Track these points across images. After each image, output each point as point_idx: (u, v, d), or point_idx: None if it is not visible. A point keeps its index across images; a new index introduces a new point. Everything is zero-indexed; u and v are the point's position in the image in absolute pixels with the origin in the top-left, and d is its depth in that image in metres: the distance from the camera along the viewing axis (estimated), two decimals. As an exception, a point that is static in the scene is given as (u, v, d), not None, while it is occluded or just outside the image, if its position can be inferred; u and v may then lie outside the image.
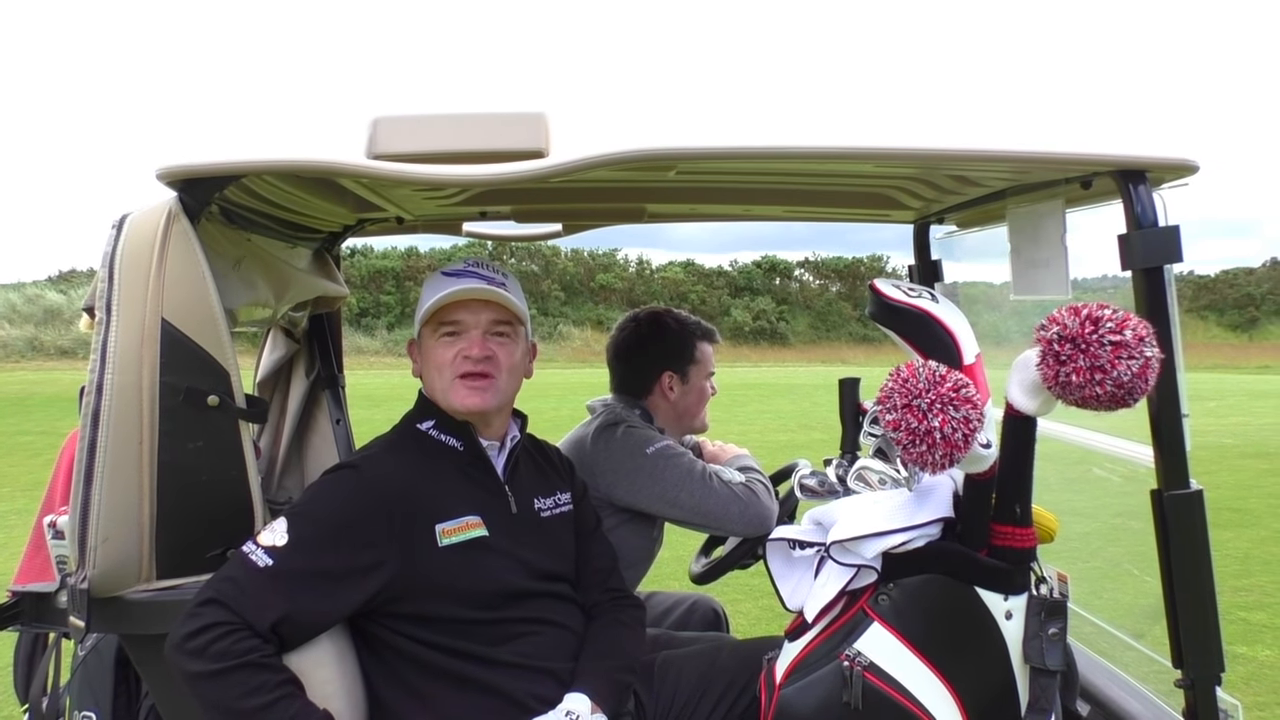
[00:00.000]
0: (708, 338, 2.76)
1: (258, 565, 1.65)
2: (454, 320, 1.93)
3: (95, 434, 1.59)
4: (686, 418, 2.73)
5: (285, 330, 2.72)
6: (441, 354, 1.94)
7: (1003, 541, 1.73)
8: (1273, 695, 4.53)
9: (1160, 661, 1.77)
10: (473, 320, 1.94)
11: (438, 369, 1.94)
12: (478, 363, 1.92)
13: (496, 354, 1.94)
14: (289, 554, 1.67)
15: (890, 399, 1.59)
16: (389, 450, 1.93)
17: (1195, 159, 1.67)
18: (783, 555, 1.92)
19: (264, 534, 1.70)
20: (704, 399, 2.74)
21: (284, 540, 1.68)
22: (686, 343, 2.71)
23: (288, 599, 1.65)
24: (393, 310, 34.13)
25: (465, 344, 1.93)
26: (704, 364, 2.73)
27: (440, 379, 1.94)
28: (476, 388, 1.92)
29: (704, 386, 2.74)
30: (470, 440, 1.96)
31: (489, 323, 1.95)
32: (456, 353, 1.93)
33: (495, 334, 1.96)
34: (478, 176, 1.58)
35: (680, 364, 2.69)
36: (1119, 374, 1.45)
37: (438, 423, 1.97)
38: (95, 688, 2.14)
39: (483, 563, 1.86)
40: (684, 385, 2.70)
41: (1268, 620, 5.64)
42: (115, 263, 1.62)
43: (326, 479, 1.86)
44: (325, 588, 1.71)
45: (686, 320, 2.75)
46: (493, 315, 1.95)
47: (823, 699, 1.74)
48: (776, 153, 1.66)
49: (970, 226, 2.62)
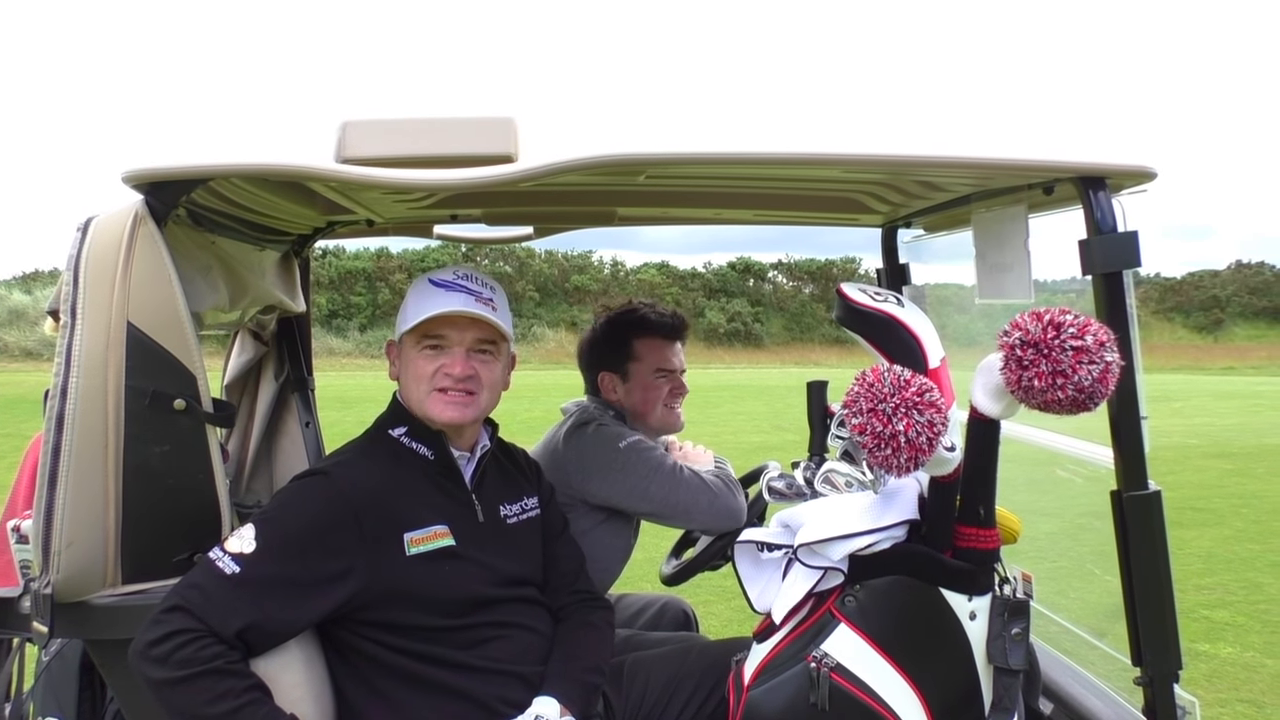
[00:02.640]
0: (653, 331, 2.63)
1: (224, 572, 1.64)
2: (438, 335, 1.92)
3: (60, 437, 1.58)
4: (639, 416, 2.64)
5: (253, 333, 2.71)
6: (422, 366, 1.93)
7: (967, 543, 1.76)
8: (1234, 692, 4.61)
9: (1121, 659, 1.81)
10: (457, 337, 1.93)
11: (416, 380, 1.93)
12: (459, 381, 1.92)
13: (478, 372, 1.94)
14: (256, 561, 1.66)
15: (856, 403, 1.61)
16: (361, 456, 1.92)
17: (1153, 166, 1.71)
18: (751, 557, 1.93)
19: (231, 540, 1.68)
20: (653, 394, 2.63)
21: (251, 547, 1.66)
22: (620, 340, 2.63)
23: (254, 606, 1.64)
24: (364, 311, 33.92)
25: (448, 360, 1.92)
26: (648, 359, 2.62)
27: (418, 389, 1.93)
28: (454, 402, 1.92)
29: (653, 382, 2.63)
30: (441, 449, 1.96)
31: (474, 340, 1.94)
32: (438, 368, 1.92)
33: (478, 351, 1.95)
34: (447, 181, 1.58)
35: (616, 363, 2.62)
36: (1080, 378, 1.47)
37: (410, 430, 1.96)
38: (59, 693, 2.12)
39: (450, 572, 1.85)
40: (626, 384, 2.63)
41: (1230, 618, 5.73)
42: (80, 265, 1.61)
43: (296, 485, 1.85)
44: (293, 596, 1.70)
45: (629, 316, 2.65)
46: (478, 334, 1.94)
47: (790, 700, 1.76)
48: (746, 158, 1.68)
49: (937, 230, 2.65)
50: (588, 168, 1.58)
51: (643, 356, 2.63)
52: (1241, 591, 6.32)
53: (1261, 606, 5.99)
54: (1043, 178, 1.80)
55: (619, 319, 2.67)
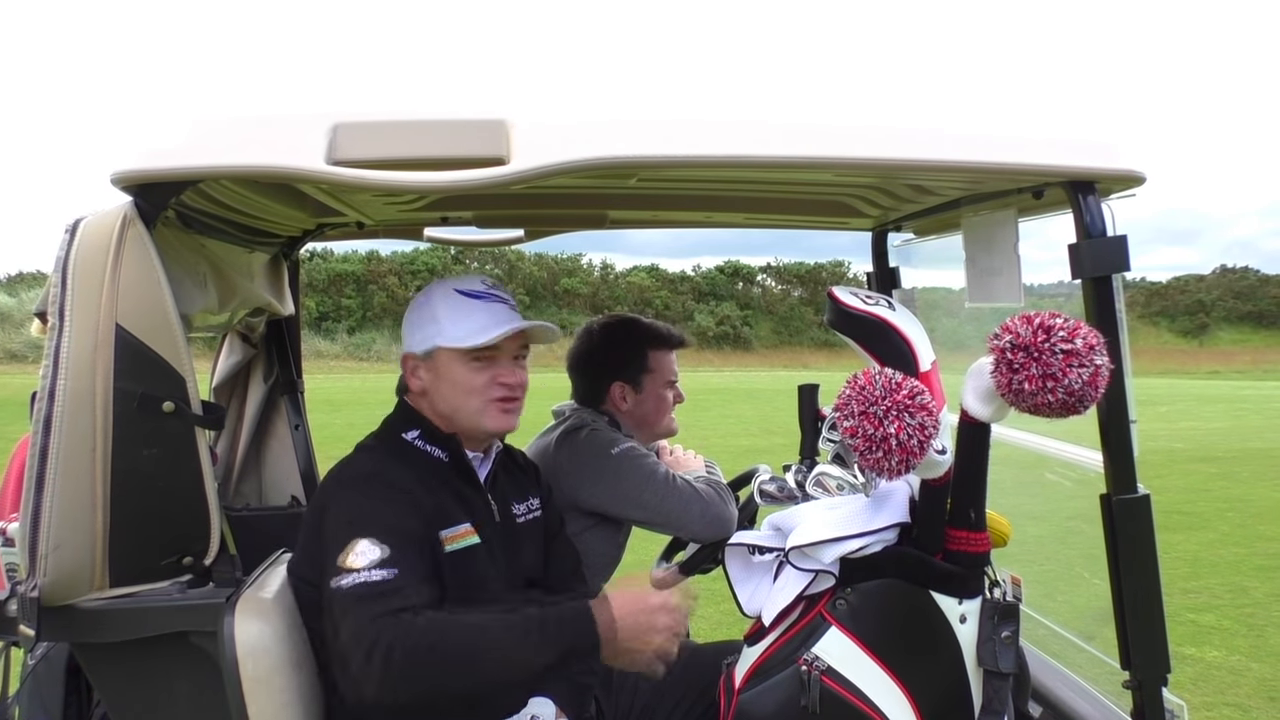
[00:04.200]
0: (665, 344, 2.71)
1: (380, 581, 1.61)
2: (490, 348, 1.92)
3: (47, 440, 1.57)
4: (647, 426, 2.70)
5: (242, 335, 2.70)
6: (473, 379, 1.92)
7: (957, 546, 1.76)
8: (1219, 695, 4.63)
9: (1109, 663, 1.81)
10: (509, 347, 1.96)
11: (467, 393, 1.92)
12: (514, 389, 1.95)
13: (522, 379, 1.98)
14: (396, 557, 1.65)
15: (848, 406, 1.61)
16: (390, 457, 1.92)
17: (1142, 170, 1.71)
18: (742, 560, 1.94)
19: (354, 558, 1.64)
20: (664, 406, 2.71)
21: (380, 549, 1.65)
22: (637, 351, 2.67)
23: (426, 587, 1.66)
24: (354, 314, 33.85)
25: (500, 370, 1.94)
26: (660, 371, 2.69)
27: (471, 402, 1.92)
28: (511, 410, 1.96)
29: (662, 394, 2.70)
30: (456, 451, 1.96)
31: (517, 348, 1.98)
32: (491, 378, 1.93)
33: (517, 358, 1.99)
34: (439, 183, 1.57)
35: (631, 373, 2.66)
36: (1070, 382, 1.48)
37: (423, 433, 1.96)
38: (45, 697, 2.11)
39: (479, 570, 1.86)
40: (638, 394, 2.66)
41: (1216, 622, 5.76)
42: (69, 267, 1.59)
43: (354, 493, 1.80)
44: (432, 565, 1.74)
45: (641, 328, 2.71)
46: (520, 341, 1.98)
47: (781, 703, 1.76)
48: (737, 161, 1.68)
49: (927, 234, 2.66)
50: (581, 170, 1.58)
51: (655, 368, 2.68)
52: (1227, 595, 6.36)
53: (1247, 610, 6.03)
54: (1032, 182, 1.80)
55: (635, 331, 2.70)
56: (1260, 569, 7.04)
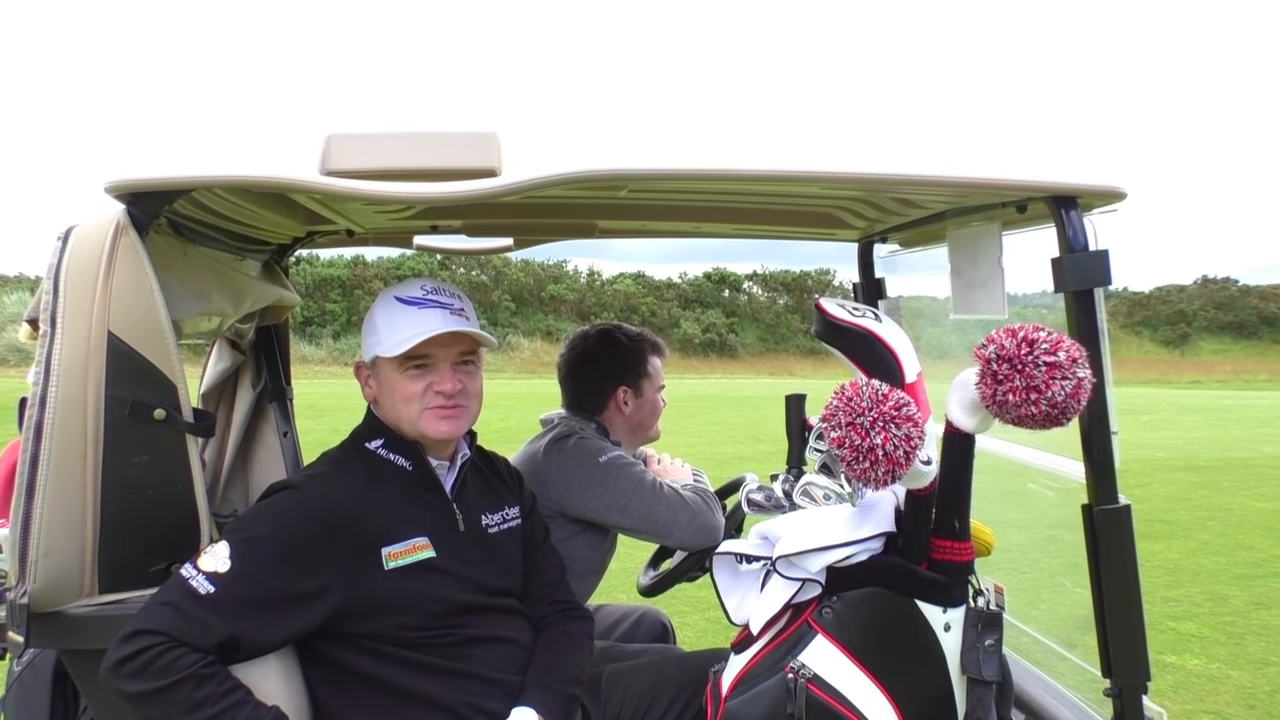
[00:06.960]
0: (657, 351, 2.82)
1: (199, 591, 1.62)
2: (423, 355, 1.90)
3: (38, 447, 1.57)
4: (641, 430, 2.78)
5: (231, 342, 2.69)
6: (409, 387, 1.91)
7: (942, 555, 1.78)
8: (1199, 703, 4.67)
9: (1090, 671, 1.84)
10: (443, 354, 1.92)
11: (405, 401, 1.91)
12: (450, 397, 1.92)
13: (465, 385, 1.95)
14: (231, 581, 1.64)
15: (835, 416, 1.63)
16: (335, 470, 1.91)
17: (1123, 186, 1.75)
18: (729, 569, 1.95)
19: (205, 558, 1.66)
20: (657, 411, 2.80)
21: (226, 566, 1.64)
22: (639, 357, 2.75)
23: (230, 624, 1.62)
24: (339, 319, 33.70)
25: (435, 378, 1.91)
26: (655, 377, 2.79)
27: (408, 409, 1.92)
28: (449, 416, 1.93)
29: (656, 399, 2.79)
30: (419, 460, 1.95)
31: (457, 355, 1.94)
32: (426, 386, 1.91)
33: (461, 363, 1.95)
34: (431, 195, 1.59)
35: (633, 378, 2.73)
36: (1053, 394, 1.50)
37: (386, 442, 1.95)
38: (31, 703, 2.10)
39: (430, 583, 1.85)
40: (638, 399, 2.74)
41: (1196, 630, 5.80)
42: (61, 275, 1.60)
43: (268, 502, 1.82)
44: (269, 616, 1.69)
45: (636, 335, 2.80)
46: (460, 347, 1.94)
47: (768, 710, 1.77)
48: (726, 174, 1.70)
49: (913, 246, 2.69)
50: (571, 182, 1.60)
51: (652, 374, 2.79)
52: (1207, 604, 6.40)
53: (1227, 618, 6.07)
54: (1016, 196, 1.83)
55: (634, 337, 2.78)
56: (1240, 577, 7.09)
